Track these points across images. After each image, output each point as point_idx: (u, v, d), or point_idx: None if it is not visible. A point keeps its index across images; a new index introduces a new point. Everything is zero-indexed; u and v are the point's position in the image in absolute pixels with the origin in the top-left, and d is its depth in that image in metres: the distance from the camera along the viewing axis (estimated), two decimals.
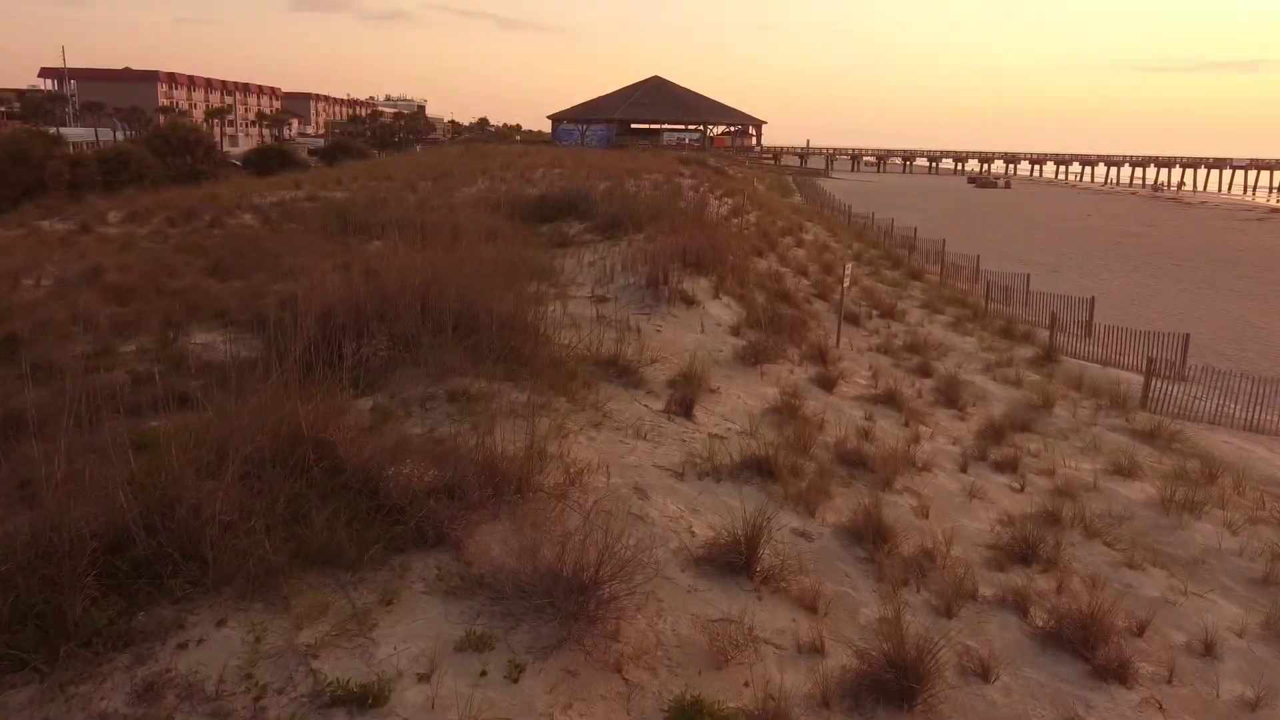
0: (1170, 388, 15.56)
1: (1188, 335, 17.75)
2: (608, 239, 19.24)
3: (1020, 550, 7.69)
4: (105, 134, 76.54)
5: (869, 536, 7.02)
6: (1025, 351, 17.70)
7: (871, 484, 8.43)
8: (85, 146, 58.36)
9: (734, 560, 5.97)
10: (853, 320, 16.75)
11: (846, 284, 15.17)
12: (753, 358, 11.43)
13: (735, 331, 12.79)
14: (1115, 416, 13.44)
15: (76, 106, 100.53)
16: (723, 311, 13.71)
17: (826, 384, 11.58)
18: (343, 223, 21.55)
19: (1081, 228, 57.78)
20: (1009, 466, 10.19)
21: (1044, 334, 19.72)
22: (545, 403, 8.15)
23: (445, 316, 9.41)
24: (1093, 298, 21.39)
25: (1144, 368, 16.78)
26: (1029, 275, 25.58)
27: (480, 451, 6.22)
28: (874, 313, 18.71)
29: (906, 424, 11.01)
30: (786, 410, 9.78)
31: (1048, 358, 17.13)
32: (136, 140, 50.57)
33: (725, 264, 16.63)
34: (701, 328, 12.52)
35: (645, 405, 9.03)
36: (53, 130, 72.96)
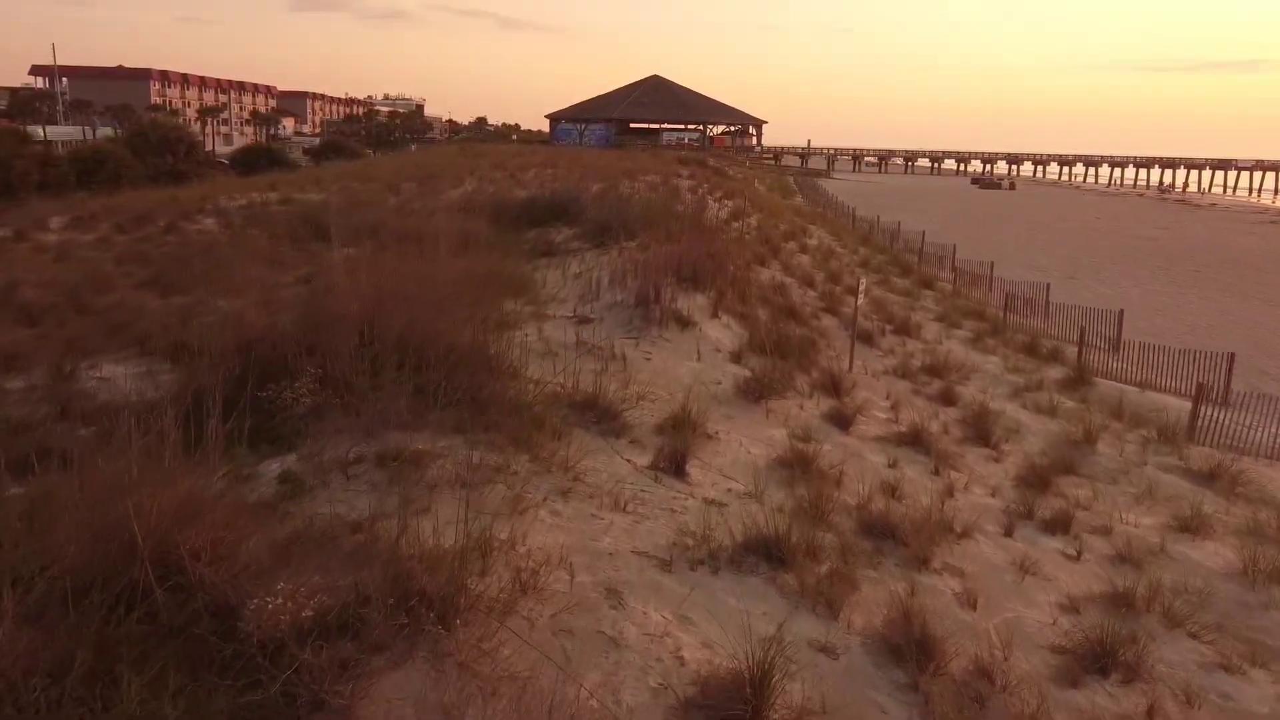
0: (1217, 415, 13.97)
1: (1233, 355, 16.16)
2: (597, 247, 17.67)
3: (1095, 654, 6.12)
4: (102, 132, 74.85)
5: (909, 650, 5.43)
6: (1054, 372, 16.12)
7: (904, 562, 6.85)
8: (73, 145, 56.74)
9: (738, 711, 4.39)
10: (865, 338, 15.18)
11: (861, 300, 13.59)
12: (757, 391, 9.85)
13: (736, 358, 11.22)
14: (1166, 453, 11.88)
15: (66, 104, 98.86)
16: (722, 333, 12.13)
17: (842, 421, 10.01)
18: (312, 228, 20.03)
19: (1092, 231, 56.17)
20: (1060, 526, 8.62)
21: (1071, 350, 18.16)
22: (502, 464, 6.58)
23: (390, 349, 7.85)
24: (1121, 311, 19.81)
25: (1191, 392, 15.25)
26: (1048, 285, 24.00)
27: (399, 555, 4.65)
28: (887, 328, 17.14)
29: (937, 471, 9.44)
30: (798, 461, 8.19)
31: (1080, 379, 15.55)
32: (115, 139, 48.98)
33: (725, 276, 15.07)
34: (698, 354, 10.94)
35: (628, 460, 7.45)
36: (39, 129, 71.45)
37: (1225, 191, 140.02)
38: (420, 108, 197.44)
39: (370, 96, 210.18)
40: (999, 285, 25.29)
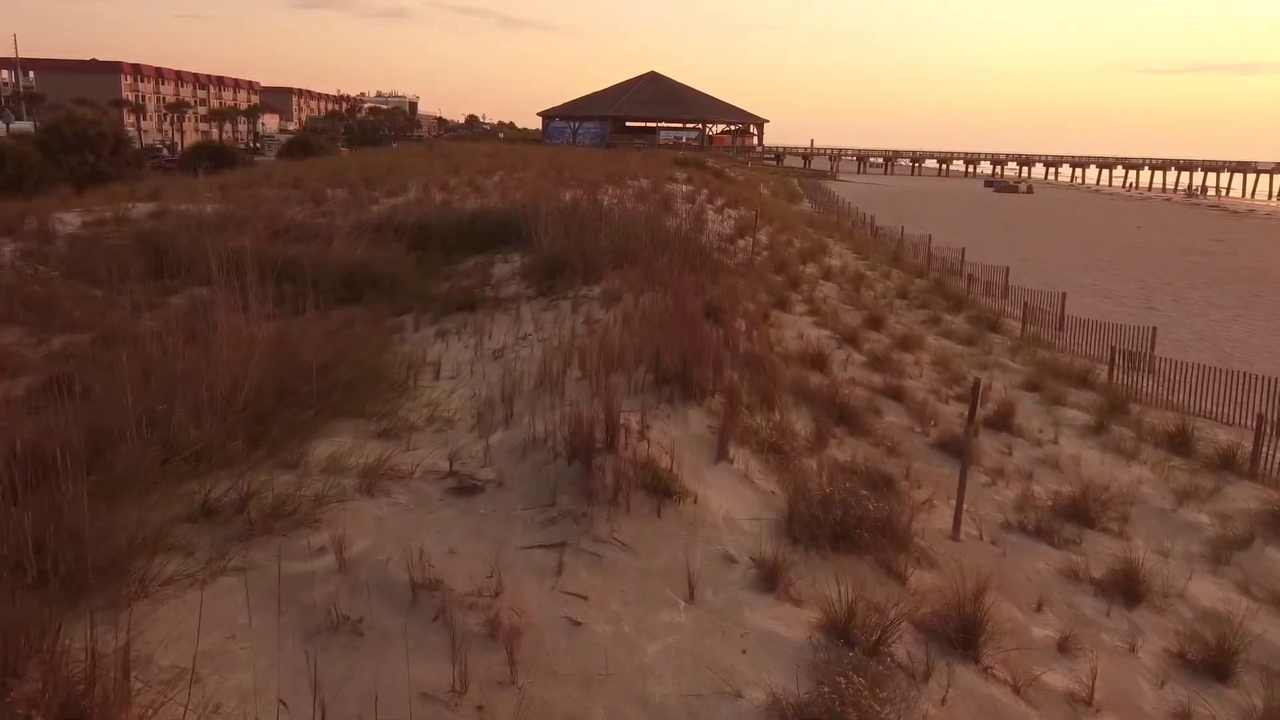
0: None
1: None
2: (544, 294, 12.03)
3: None
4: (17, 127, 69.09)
5: None
6: (1239, 494, 10.45)
7: None
8: None
9: None
10: (958, 444, 9.51)
11: (977, 416, 7.89)
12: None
13: (769, 575, 5.46)
14: None
15: (21, 98, 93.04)
16: (737, 500, 6.39)
17: None
18: (152, 258, 14.41)
19: (1141, 244, 50.29)
20: None
21: (1230, 439, 12.52)
22: None
23: None
24: (1275, 380, 14.14)
25: None
26: (1153, 329, 18.35)
27: None
28: (980, 419, 11.45)
29: None
30: None
31: None
32: (22, 136, 43.36)
33: (736, 354, 9.38)
34: (689, 584, 5.19)
35: None
36: None
37: (1243, 194, 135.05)
38: (414, 105, 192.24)
39: (362, 94, 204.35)
40: (1084, 327, 19.67)
